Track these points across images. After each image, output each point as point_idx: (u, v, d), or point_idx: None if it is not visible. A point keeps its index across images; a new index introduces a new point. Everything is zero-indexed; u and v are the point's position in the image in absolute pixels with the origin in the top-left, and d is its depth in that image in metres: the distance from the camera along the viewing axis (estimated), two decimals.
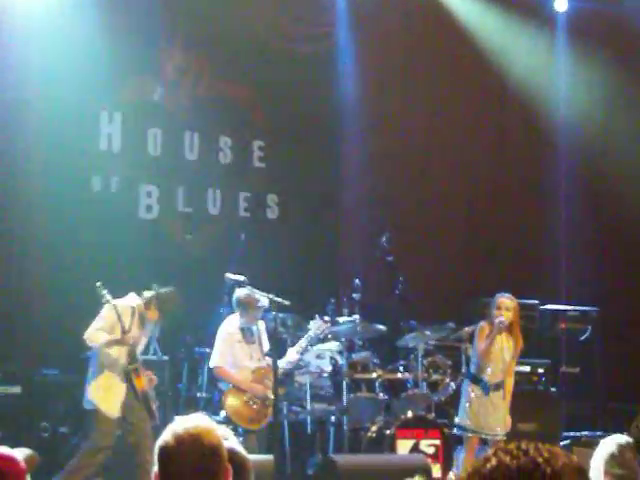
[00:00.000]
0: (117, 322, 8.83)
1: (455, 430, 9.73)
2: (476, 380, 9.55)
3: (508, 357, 9.57)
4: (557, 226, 13.93)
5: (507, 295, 9.58)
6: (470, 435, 9.50)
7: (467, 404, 9.54)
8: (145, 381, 8.95)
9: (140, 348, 9.15)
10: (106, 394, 8.85)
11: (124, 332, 8.79)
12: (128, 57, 11.69)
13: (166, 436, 3.16)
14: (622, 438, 4.76)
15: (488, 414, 9.47)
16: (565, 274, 13.76)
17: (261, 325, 9.77)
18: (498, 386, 9.54)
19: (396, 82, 13.05)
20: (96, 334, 8.83)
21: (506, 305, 9.50)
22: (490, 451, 2.50)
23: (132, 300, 9.03)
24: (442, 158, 13.30)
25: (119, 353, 8.88)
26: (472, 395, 9.53)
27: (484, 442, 9.55)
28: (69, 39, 11.53)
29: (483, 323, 9.64)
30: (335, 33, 12.88)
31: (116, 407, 8.85)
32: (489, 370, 9.51)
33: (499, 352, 9.53)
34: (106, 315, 8.88)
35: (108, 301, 8.80)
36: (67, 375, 10.50)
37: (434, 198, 13.05)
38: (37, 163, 11.45)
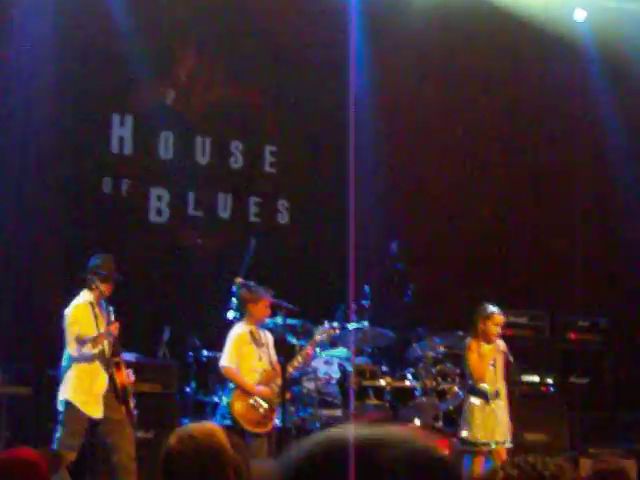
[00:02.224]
0: (89, 319, 8.76)
1: (461, 445, 9.60)
2: (476, 391, 9.50)
3: (499, 363, 9.56)
4: (570, 235, 13.88)
5: (497, 309, 9.56)
6: (477, 448, 9.43)
7: (471, 417, 9.47)
8: (125, 376, 8.85)
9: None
10: (88, 397, 8.69)
11: (98, 326, 8.70)
12: (141, 61, 11.71)
13: (170, 439, 3.19)
14: None
15: (493, 423, 9.42)
16: (576, 284, 13.70)
17: (269, 336, 9.73)
18: (498, 393, 9.51)
19: (410, 89, 13.02)
20: (75, 344, 8.68)
21: (501, 321, 9.51)
22: (498, 464, 2.48)
23: (87, 295, 8.93)
24: (454, 167, 13.25)
25: (99, 348, 8.76)
26: (474, 407, 9.47)
27: (489, 452, 9.48)
28: (82, 42, 11.58)
29: (470, 340, 9.57)
30: (349, 38, 12.85)
31: (100, 409, 8.72)
32: (486, 379, 9.48)
33: (490, 360, 9.51)
34: (75, 317, 8.77)
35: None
36: None
37: (445, 206, 13.01)
38: (49, 164, 11.47)
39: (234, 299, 10.00)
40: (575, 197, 13.88)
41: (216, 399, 10.11)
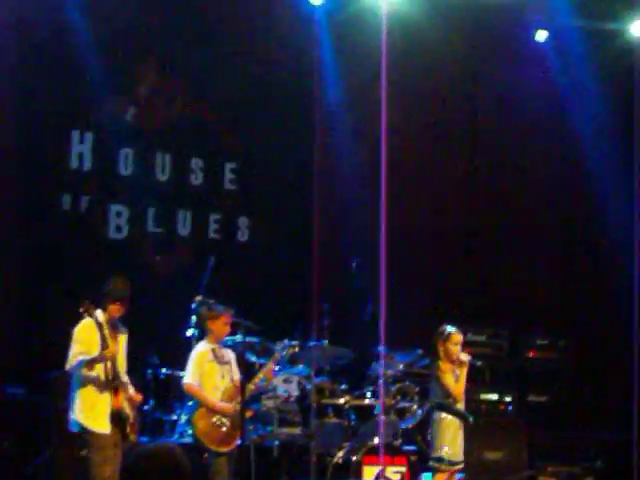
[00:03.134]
0: (93, 339, 8.67)
1: (435, 462, 9.46)
2: (452, 410, 9.40)
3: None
4: (530, 254, 13.94)
5: (455, 328, 9.53)
6: (446, 468, 9.35)
7: (448, 435, 9.38)
8: (122, 400, 8.76)
9: (121, 364, 8.92)
10: (91, 412, 8.63)
11: (103, 348, 8.61)
12: (101, 77, 11.68)
13: (127, 458, 3.19)
14: None
15: (459, 442, 9.40)
16: (536, 302, 13.75)
17: (231, 354, 9.67)
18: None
19: (376, 102, 13.01)
20: (76, 361, 8.64)
21: (460, 340, 9.49)
22: None
23: (98, 315, 8.85)
24: (419, 184, 13.28)
25: (98, 370, 8.68)
26: (449, 426, 9.39)
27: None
28: (41, 58, 11.53)
29: (439, 363, 9.48)
30: (313, 55, 12.86)
31: (105, 423, 8.64)
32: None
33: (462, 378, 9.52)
34: (81, 336, 8.70)
35: (90, 314, 8.64)
36: (33, 394, 10.38)
37: (405, 225, 13.03)
38: (7, 180, 11.40)
39: (193, 317, 9.96)
40: (538, 215, 13.95)
41: (174, 417, 10.05)
